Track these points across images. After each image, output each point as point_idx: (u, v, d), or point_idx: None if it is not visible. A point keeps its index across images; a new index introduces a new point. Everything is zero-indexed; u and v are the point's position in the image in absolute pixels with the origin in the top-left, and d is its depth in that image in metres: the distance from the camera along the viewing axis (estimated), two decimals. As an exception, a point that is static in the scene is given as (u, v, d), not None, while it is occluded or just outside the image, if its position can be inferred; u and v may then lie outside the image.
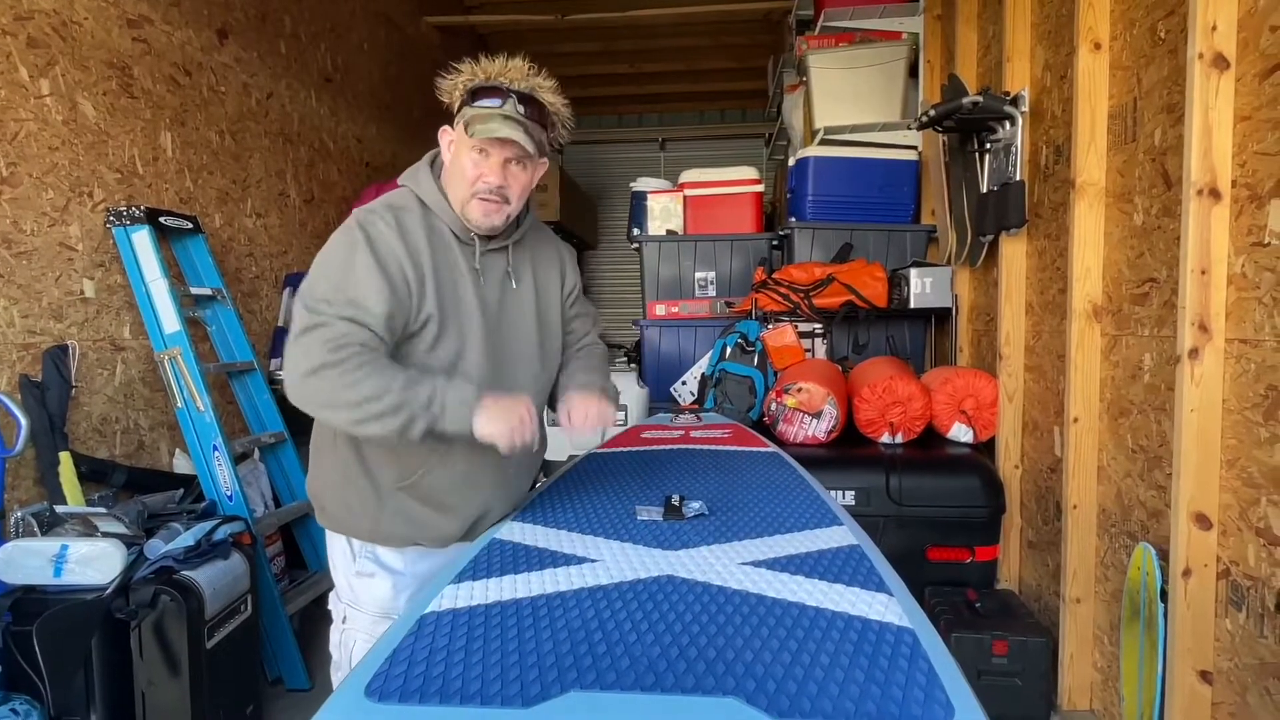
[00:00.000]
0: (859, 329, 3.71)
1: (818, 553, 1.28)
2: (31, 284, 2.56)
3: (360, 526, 1.63)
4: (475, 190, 1.53)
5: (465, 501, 1.62)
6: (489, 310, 1.61)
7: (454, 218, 1.59)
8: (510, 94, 1.50)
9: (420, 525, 1.62)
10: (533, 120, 1.52)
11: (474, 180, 1.53)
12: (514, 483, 1.72)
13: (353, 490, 1.61)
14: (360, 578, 1.65)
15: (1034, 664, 2.41)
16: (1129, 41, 2.21)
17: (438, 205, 1.59)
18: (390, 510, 1.60)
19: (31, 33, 2.57)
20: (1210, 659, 1.81)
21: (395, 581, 1.64)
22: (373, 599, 1.65)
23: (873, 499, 2.76)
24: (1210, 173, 1.76)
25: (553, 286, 1.78)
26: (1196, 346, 1.79)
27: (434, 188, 1.60)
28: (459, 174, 1.55)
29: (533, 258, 1.74)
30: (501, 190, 1.54)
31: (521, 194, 1.59)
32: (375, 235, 1.49)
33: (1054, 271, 2.65)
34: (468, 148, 1.53)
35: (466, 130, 1.51)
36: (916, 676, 0.88)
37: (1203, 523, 1.81)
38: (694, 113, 8.66)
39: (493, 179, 1.53)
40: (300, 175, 4.33)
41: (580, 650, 0.96)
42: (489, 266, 1.63)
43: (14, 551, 2.19)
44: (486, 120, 1.48)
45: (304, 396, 1.42)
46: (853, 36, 4.16)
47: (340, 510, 1.65)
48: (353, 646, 1.66)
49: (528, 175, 1.59)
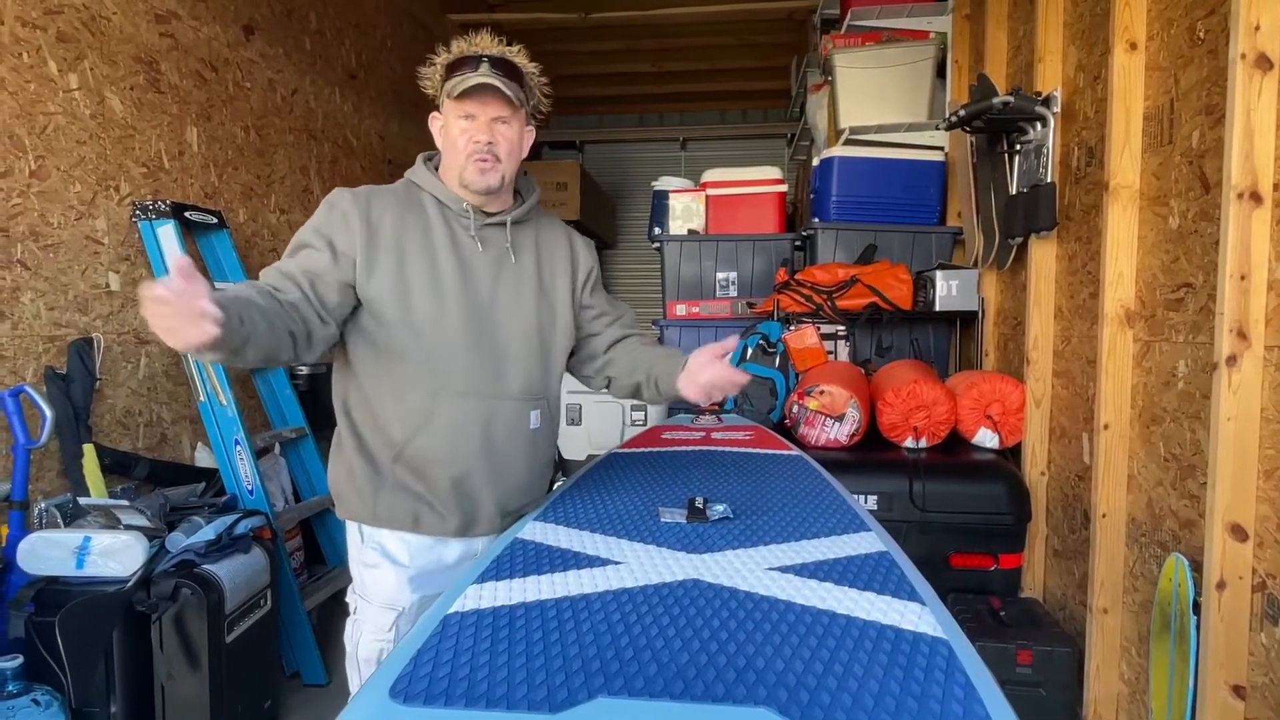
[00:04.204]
0: (882, 331, 3.67)
1: (846, 559, 1.26)
2: (58, 277, 2.58)
3: (365, 509, 1.66)
4: (469, 152, 1.61)
5: (451, 472, 1.63)
6: (478, 278, 1.66)
7: (446, 192, 1.67)
8: (483, 58, 1.60)
9: (416, 498, 1.64)
10: (508, 77, 1.60)
11: (466, 144, 1.62)
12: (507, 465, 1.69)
13: (358, 474, 1.66)
14: (367, 568, 1.68)
15: (1059, 675, 2.37)
16: (1166, 42, 2.16)
17: (429, 183, 1.69)
18: (389, 487, 1.64)
19: (61, 27, 2.59)
20: (1244, 673, 1.77)
21: (399, 574, 1.65)
22: (378, 589, 1.67)
23: (895, 504, 2.73)
24: (1252, 175, 1.72)
25: (559, 269, 1.79)
26: (1234, 354, 1.75)
27: (426, 172, 1.71)
28: (451, 145, 1.64)
29: (538, 239, 1.78)
30: (491, 147, 1.61)
31: (511, 152, 1.65)
32: (335, 206, 1.61)
33: (1085, 275, 2.60)
34: (455, 117, 1.63)
35: (449, 95, 1.61)
36: (954, 690, 0.85)
37: (1238, 534, 1.76)
38: (715, 112, 8.61)
39: (482, 137, 1.61)
40: (324, 171, 4.35)
41: (607, 655, 0.95)
42: (489, 240, 1.70)
43: (38, 543, 2.21)
44: (464, 81, 1.58)
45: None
46: (879, 36, 4.11)
47: (351, 496, 1.68)
48: (359, 638, 1.69)
49: (514, 133, 1.65)
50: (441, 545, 1.68)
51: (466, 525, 1.66)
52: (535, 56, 1.68)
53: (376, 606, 1.67)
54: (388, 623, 1.66)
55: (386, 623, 1.66)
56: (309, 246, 1.59)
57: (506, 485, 1.69)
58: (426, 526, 1.65)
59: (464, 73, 1.59)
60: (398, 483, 1.64)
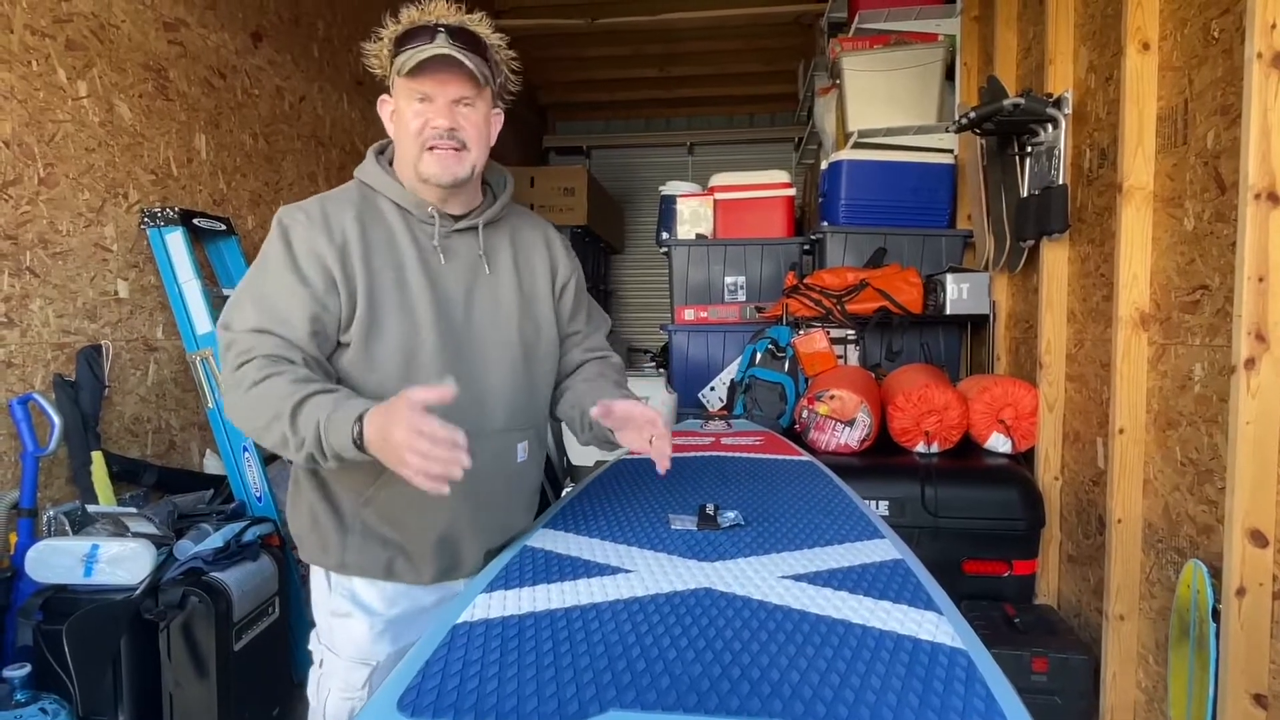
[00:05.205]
0: (893, 335, 3.64)
1: (860, 567, 1.24)
2: (67, 284, 2.58)
3: (331, 558, 1.48)
4: (424, 139, 1.38)
5: (425, 520, 1.44)
6: (449, 298, 1.44)
7: (402, 193, 1.44)
8: (439, 29, 1.36)
9: (390, 547, 1.46)
10: (470, 50, 1.36)
11: (420, 130, 1.38)
12: (491, 507, 1.51)
13: (321, 519, 1.48)
14: (336, 617, 1.49)
15: (1075, 682, 2.34)
16: (1179, 42, 2.14)
17: (380, 183, 1.45)
18: (357, 534, 1.46)
19: (70, 35, 2.59)
20: (1265, 681, 1.74)
21: (371, 623, 1.46)
22: (349, 641, 1.47)
23: (907, 510, 2.70)
24: (1269, 176, 1.69)
25: (539, 276, 1.58)
26: (1253, 357, 1.72)
27: (377, 169, 1.47)
28: (404, 131, 1.40)
29: (513, 241, 1.56)
30: (454, 133, 1.38)
31: (479, 139, 1.42)
32: (293, 232, 1.38)
33: (1098, 278, 2.58)
34: (407, 99, 1.39)
35: (399, 73, 1.37)
36: (974, 702, 0.83)
37: (1258, 540, 1.73)
38: (723, 116, 8.61)
39: (441, 121, 1.37)
40: (332, 178, 4.35)
41: (619, 667, 0.93)
42: (455, 249, 1.47)
43: (45, 550, 2.20)
44: (418, 54, 1.35)
45: (231, 416, 1.33)
46: (887, 39, 4.09)
47: (313, 542, 1.50)
48: (326, 697, 1.48)
49: (480, 117, 1.42)
50: (419, 588, 1.50)
51: (445, 572, 1.49)
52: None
53: (346, 660, 1.47)
54: (359, 680, 1.45)
55: (358, 680, 1.45)
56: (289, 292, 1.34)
57: (491, 527, 1.51)
58: (401, 575, 1.47)
59: (417, 44, 1.35)
60: (366, 529, 1.45)
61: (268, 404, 1.24)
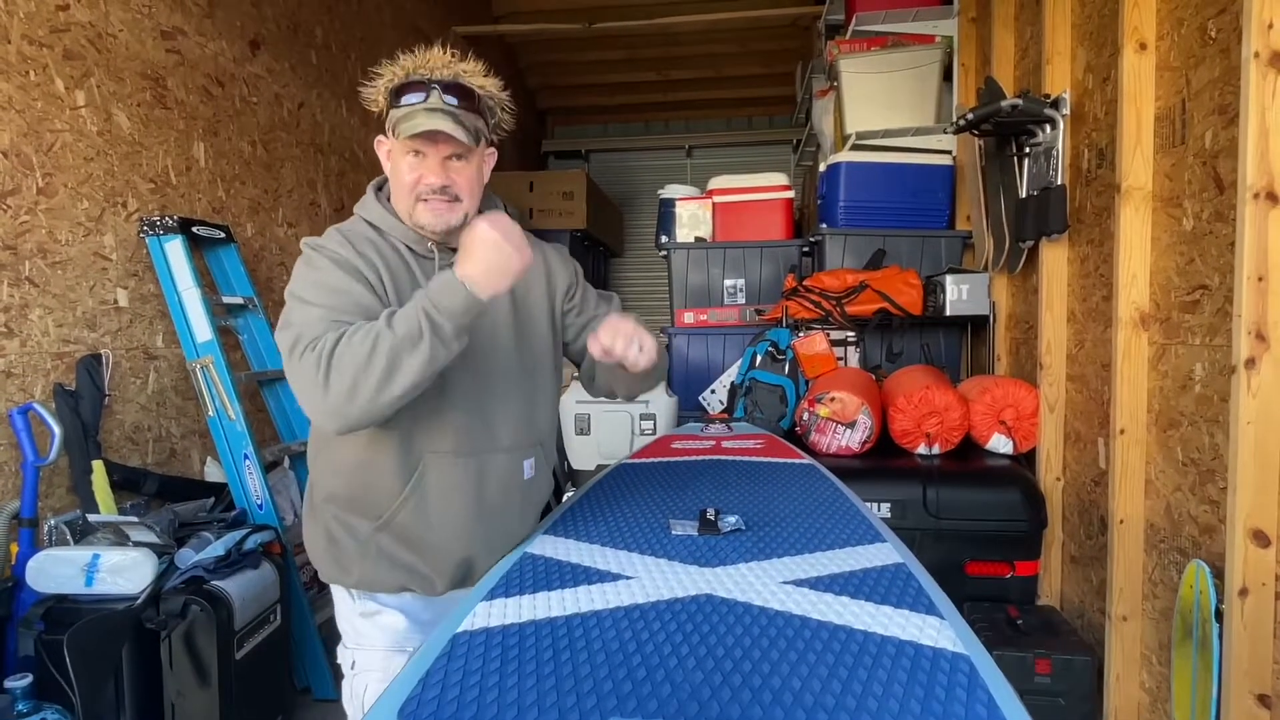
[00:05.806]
0: (893, 337, 3.64)
1: (862, 571, 1.24)
2: (66, 293, 2.58)
3: (349, 578, 1.54)
4: (418, 193, 1.45)
5: (444, 542, 1.50)
6: None
7: (405, 231, 1.50)
8: (433, 85, 1.41)
9: (405, 569, 1.51)
10: (463, 109, 1.42)
11: (413, 185, 1.44)
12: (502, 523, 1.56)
13: (338, 546, 1.53)
14: (365, 618, 1.55)
15: (1078, 684, 2.34)
16: (1177, 41, 2.14)
17: (385, 223, 1.51)
18: (373, 556, 1.50)
19: (68, 45, 2.60)
20: (1269, 682, 1.73)
21: (403, 615, 1.54)
22: (384, 631, 1.53)
23: (909, 512, 2.70)
24: (1268, 175, 1.69)
25: (535, 294, 1.63)
26: (1253, 356, 1.72)
27: (379, 208, 1.52)
28: (399, 182, 1.47)
29: None
30: (447, 189, 1.45)
31: (472, 190, 1.49)
32: (331, 251, 1.43)
33: (1097, 278, 2.57)
34: (402, 152, 1.45)
35: (395, 134, 1.43)
36: (976, 709, 0.83)
37: (1261, 540, 1.73)
38: (721, 119, 8.62)
39: (434, 179, 1.44)
40: (331, 185, 4.35)
41: (619, 675, 0.93)
42: None
43: (46, 560, 2.20)
44: (411, 117, 1.40)
45: (336, 406, 1.29)
46: (885, 40, 4.10)
47: (329, 563, 1.56)
48: (364, 692, 1.53)
49: (473, 169, 1.48)
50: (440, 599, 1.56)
51: (458, 584, 1.55)
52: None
53: (382, 650, 1.52)
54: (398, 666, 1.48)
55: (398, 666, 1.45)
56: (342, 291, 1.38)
57: (502, 543, 1.54)
58: (418, 588, 1.53)
59: (411, 102, 1.41)
60: (381, 551, 1.50)
61: (361, 342, 1.28)
